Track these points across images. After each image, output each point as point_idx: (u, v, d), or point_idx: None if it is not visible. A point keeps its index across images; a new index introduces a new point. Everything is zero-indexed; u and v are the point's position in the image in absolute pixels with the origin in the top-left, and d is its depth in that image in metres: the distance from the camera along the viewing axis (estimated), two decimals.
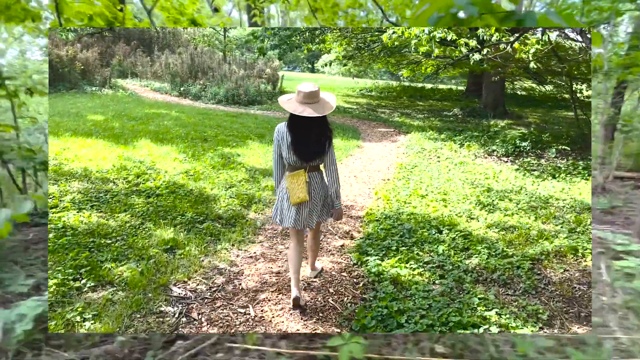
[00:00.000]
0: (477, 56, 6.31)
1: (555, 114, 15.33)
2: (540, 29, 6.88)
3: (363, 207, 5.35)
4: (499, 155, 8.26)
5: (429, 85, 23.65)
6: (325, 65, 19.34)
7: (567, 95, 18.01)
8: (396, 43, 7.55)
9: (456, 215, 5.03)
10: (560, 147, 8.01)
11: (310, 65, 46.61)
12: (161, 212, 4.70)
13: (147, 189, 5.36)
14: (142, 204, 4.91)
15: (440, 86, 24.52)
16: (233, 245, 4.11)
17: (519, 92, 19.90)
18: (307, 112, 2.72)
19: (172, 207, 4.86)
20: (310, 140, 2.83)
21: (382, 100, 18.88)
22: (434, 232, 4.52)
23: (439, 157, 8.09)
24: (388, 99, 19.56)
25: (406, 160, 7.86)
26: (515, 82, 18.36)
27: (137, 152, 7.15)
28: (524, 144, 8.45)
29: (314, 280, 3.54)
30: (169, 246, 3.94)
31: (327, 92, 2.95)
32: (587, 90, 11.54)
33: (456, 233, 4.47)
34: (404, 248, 4.07)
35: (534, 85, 20.32)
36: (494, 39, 6.63)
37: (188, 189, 5.53)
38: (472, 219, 4.97)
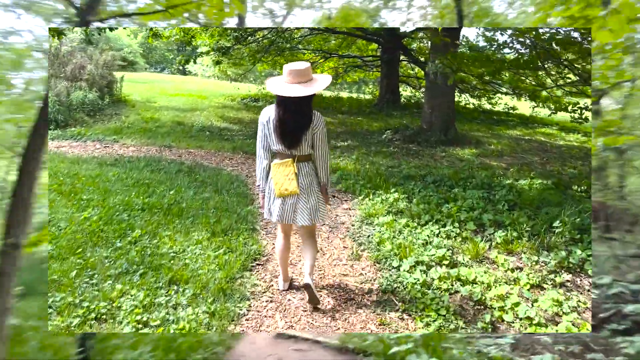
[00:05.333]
0: None
1: (499, 132, 11.39)
2: None
3: None
4: (587, 271, 3.39)
5: (327, 93, 18.74)
6: (190, 62, 13.25)
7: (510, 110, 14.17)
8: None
9: None
10: None
11: (181, 67, 39.45)
12: None
13: None
14: None
15: (342, 94, 19.86)
16: None
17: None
18: (296, 91, 2.48)
19: None
20: (295, 123, 2.57)
21: None
22: None
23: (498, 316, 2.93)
24: None
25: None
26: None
27: None
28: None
29: None
30: None
31: (321, 74, 2.71)
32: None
33: None
34: None
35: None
36: None
37: None
38: None
